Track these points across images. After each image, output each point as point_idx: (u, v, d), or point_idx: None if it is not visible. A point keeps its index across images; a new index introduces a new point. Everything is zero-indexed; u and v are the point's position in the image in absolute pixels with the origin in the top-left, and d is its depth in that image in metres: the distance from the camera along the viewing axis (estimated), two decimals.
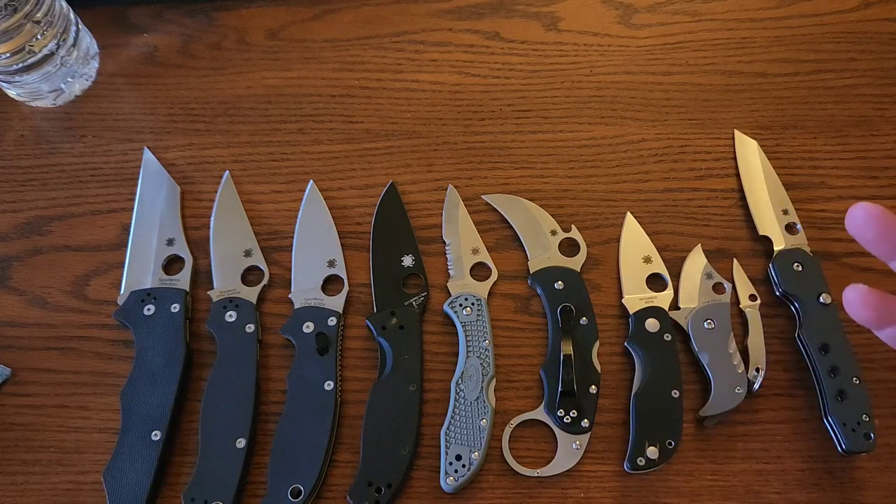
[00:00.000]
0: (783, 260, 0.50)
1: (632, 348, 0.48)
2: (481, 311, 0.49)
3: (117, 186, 0.55)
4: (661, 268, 0.51)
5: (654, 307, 0.49)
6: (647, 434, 0.45)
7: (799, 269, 0.50)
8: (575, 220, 0.53)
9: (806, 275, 0.49)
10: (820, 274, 0.49)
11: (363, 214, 0.54)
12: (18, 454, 0.47)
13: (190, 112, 0.58)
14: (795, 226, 0.52)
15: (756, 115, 0.57)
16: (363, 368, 0.49)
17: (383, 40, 0.61)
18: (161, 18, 0.62)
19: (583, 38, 0.61)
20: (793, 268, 0.50)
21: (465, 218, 0.54)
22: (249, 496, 0.45)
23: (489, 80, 0.59)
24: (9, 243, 0.54)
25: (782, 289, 0.49)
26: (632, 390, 0.47)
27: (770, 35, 0.61)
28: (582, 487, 0.45)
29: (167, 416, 0.46)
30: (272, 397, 0.48)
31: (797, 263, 0.50)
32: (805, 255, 0.50)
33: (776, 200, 0.53)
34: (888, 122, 0.57)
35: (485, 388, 0.47)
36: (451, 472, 0.45)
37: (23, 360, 0.50)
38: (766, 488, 0.45)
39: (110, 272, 0.52)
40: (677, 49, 0.60)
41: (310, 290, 0.50)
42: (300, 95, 0.59)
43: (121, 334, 0.50)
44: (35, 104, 0.59)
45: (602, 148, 0.56)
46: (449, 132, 0.57)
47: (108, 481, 0.44)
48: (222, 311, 0.49)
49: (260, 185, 0.55)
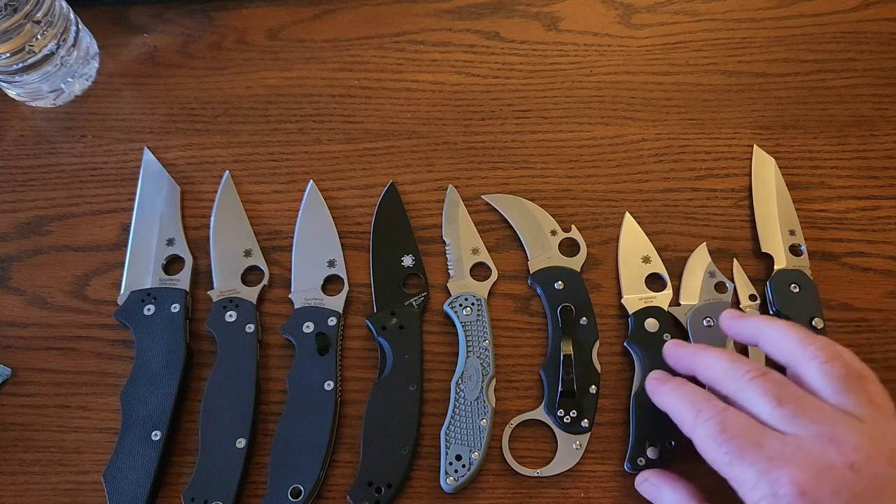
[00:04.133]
0: (781, 279, 0.49)
1: (631, 348, 0.48)
2: (481, 311, 0.49)
3: (117, 186, 0.55)
4: (661, 268, 0.51)
5: (654, 307, 0.49)
6: (647, 434, 0.45)
7: (796, 290, 0.49)
8: (575, 220, 0.53)
9: (802, 297, 0.49)
10: (816, 298, 0.49)
11: (363, 214, 0.54)
12: (18, 454, 0.47)
13: (190, 112, 0.58)
14: (800, 247, 0.51)
15: (756, 115, 0.57)
16: (363, 368, 0.49)
17: (383, 40, 0.61)
18: (161, 18, 0.62)
19: (583, 38, 0.61)
20: (789, 289, 0.49)
21: (465, 218, 0.54)
22: (249, 496, 0.45)
23: (489, 80, 0.59)
24: (9, 243, 0.54)
25: (776, 308, 0.49)
26: (632, 390, 0.47)
27: (770, 35, 0.61)
28: (582, 487, 0.45)
29: (167, 416, 0.46)
30: (272, 397, 0.48)
31: (795, 285, 0.49)
32: (804, 278, 0.49)
33: (784, 220, 0.52)
34: (888, 122, 0.57)
35: (485, 388, 0.47)
36: (451, 472, 0.45)
37: (23, 360, 0.50)
38: None
39: (110, 272, 0.52)
40: (677, 49, 0.60)
41: (310, 290, 0.50)
42: (300, 95, 0.59)
43: (121, 334, 0.50)
44: (35, 104, 0.59)
45: (602, 148, 0.56)
46: (449, 132, 0.57)
47: (108, 481, 0.44)
48: (222, 311, 0.49)
49: (260, 185, 0.55)
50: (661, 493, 0.41)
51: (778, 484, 0.33)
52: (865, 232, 0.53)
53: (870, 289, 0.51)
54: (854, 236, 0.52)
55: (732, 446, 0.35)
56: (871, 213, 0.53)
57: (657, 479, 0.42)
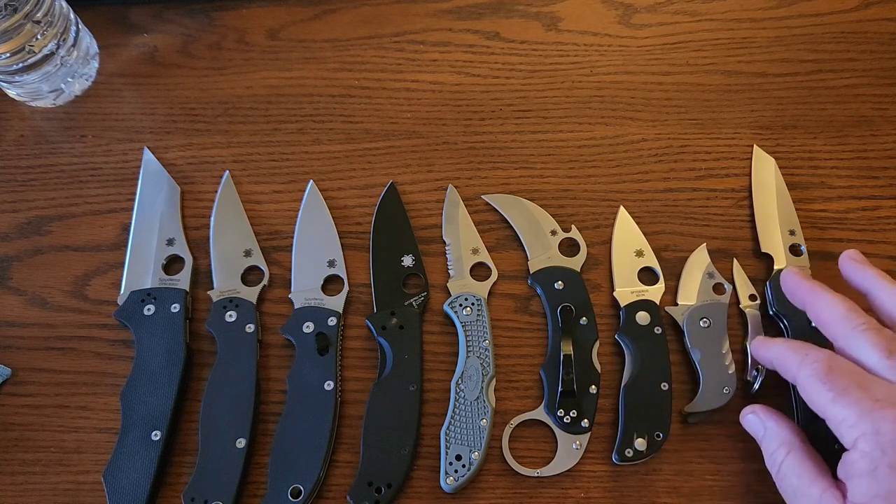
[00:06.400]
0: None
1: (622, 341, 0.48)
2: (481, 311, 0.49)
3: (117, 186, 0.55)
4: (653, 262, 0.51)
5: (646, 300, 0.49)
6: (635, 426, 0.45)
7: None
8: (575, 220, 0.53)
9: None
10: None
11: (363, 214, 0.54)
12: (18, 454, 0.47)
13: (190, 112, 0.58)
14: (800, 247, 0.51)
15: (756, 115, 0.57)
16: (363, 368, 0.49)
17: (383, 40, 0.61)
18: (161, 18, 0.62)
19: (583, 38, 0.61)
20: None
21: (465, 218, 0.54)
22: (249, 496, 0.45)
23: (489, 80, 0.59)
24: (9, 243, 0.54)
25: (775, 308, 0.49)
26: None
27: (770, 35, 0.61)
28: (582, 487, 0.45)
29: (167, 416, 0.46)
30: (272, 397, 0.48)
31: None
32: None
33: (784, 220, 0.52)
34: (888, 122, 0.57)
35: (485, 388, 0.47)
36: (451, 472, 0.45)
37: (23, 360, 0.50)
38: (766, 488, 0.45)
39: (110, 272, 0.52)
40: (677, 49, 0.60)
41: (310, 290, 0.50)
42: (300, 95, 0.59)
43: (121, 334, 0.50)
44: (35, 104, 0.59)
45: (602, 148, 0.56)
46: (449, 132, 0.57)
47: (108, 481, 0.44)
48: (222, 311, 0.49)
49: (260, 185, 0.55)
50: (767, 427, 0.41)
51: (882, 422, 0.34)
52: (865, 232, 0.53)
53: None
54: (854, 236, 0.52)
55: (837, 385, 0.36)
56: (871, 213, 0.53)
57: (765, 414, 0.42)
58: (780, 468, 0.40)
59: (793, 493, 0.39)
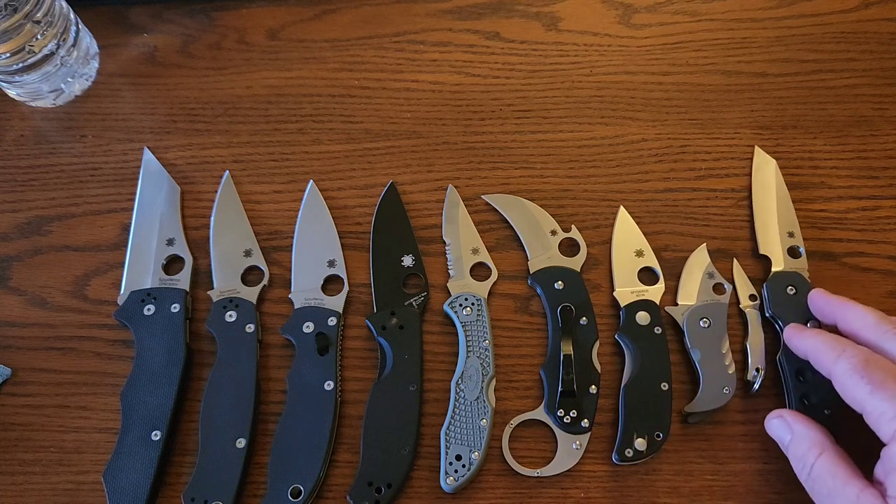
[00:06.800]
0: (777, 282, 0.49)
1: (622, 341, 0.48)
2: (481, 311, 0.49)
3: (117, 186, 0.55)
4: (653, 262, 0.51)
5: (646, 300, 0.49)
6: (635, 426, 0.45)
7: (792, 292, 0.49)
8: (575, 220, 0.53)
9: (798, 300, 0.48)
10: None
11: (363, 214, 0.54)
12: (18, 454, 0.47)
13: (190, 112, 0.58)
14: (799, 250, 0.51)
15: (756, 115, 0.57)
16: (363, 368, 0.49)
17: (383, 40, 0.61)
18: (161, 18, 0.62)
19: (583, 38, 0.61)
20: (786, 291, 0.49)
21: (465, 218, 0.54)
22: (249, 496, 0.45)
23: (489, 80, 0.59)
24: (9, 243, 0.54)
25: (771, 310, 0.49)
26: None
27: (770, 35, 0.61)
28: (582, 487, 0.45)
29: (167, 416, 0.46)
30: (272, 397, 0.48)
31: (791, 287, 0.49)
32: (801, 281, 0.49)
33: (784, 222, 0.52)
34: (888, 122, 0.57)
35: (485, 388, 0.47)
36: (451, 472, 0.45)
37: (23, 360, 0.50)
38: (766, 488, 0.45)
39: (110, 272, 0.52)
40: (677, 49, 0.60)
41: (310, 290, 0.50)
42: (300, 95, 0.59)
43: (121, 334, 0.50)
44: (35, 104, 0.59)
45: (602, 148, 0.56)
46: (449, 132, 0.57)
47: (108, 481, 0.44)
48: (222, 311, 0.49)
49: (260, 185, 0.55)
50: (795, 430, 0.41)
51: None
52: (865, 232, 0.53)
53: (870, 289, 0.51)
54: (854, 236, 0.53)
55: (875, 378, 0.37)
56: (871, 213, 0.53)
57: (791, 417, 0.42)
58: (811, 470, 0.39)
59: (827, 493, 0.38)
